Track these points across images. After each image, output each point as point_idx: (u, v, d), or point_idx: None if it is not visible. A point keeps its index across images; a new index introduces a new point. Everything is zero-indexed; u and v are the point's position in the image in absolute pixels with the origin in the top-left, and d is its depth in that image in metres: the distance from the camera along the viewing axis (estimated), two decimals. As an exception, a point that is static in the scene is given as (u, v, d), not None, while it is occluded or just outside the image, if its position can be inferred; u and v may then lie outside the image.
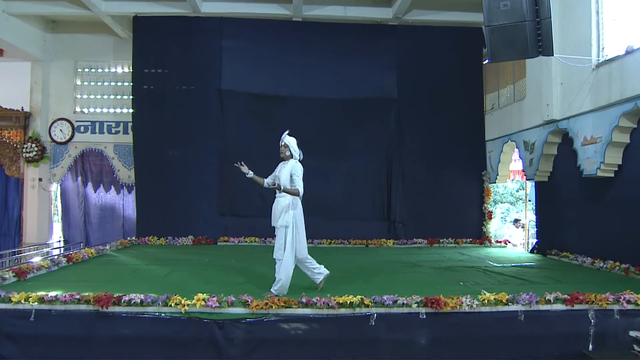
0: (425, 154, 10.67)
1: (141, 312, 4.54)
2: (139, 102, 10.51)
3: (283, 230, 5.30)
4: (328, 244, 10.18)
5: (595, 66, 6.98)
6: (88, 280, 5.90)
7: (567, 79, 7.68)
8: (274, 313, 4.52)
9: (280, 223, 5.33)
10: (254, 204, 10.33)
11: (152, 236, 10.12)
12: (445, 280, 6.38)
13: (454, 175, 10.70)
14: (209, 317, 4.48)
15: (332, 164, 10.47)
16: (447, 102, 10.75)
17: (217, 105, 10.43)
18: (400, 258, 8.46)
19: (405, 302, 4.63)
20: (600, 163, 6.92)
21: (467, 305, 4.65)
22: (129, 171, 11.18)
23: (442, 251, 9.50)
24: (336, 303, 4.57)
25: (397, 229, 10.62)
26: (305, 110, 10.43)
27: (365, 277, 6.59)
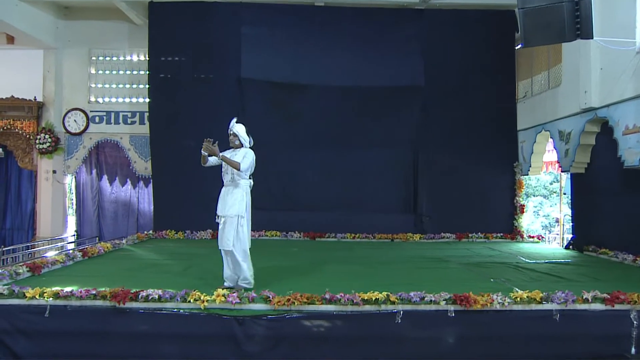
0: (453, 144, 10.54)
1: (159, 308, 4.58)
2: (155, 91, 10.59)
3: (236, 220, 5.23)
4: (352, 239, 10.16)
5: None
6: (104, 275, 5.97)
7: (608, 64, 7.46)
8: (296, 309, 4.52)
9: (234, 212, 5.23)
10: (275, 197, 10.37)
11: (170, 230, 10.22)
12: (475, 276, 6.31)
13: (484, 166, 10.56)
14: (229, 313, 4.50)
15: (356, 155, 10.46)
16: (477, 90, 10.58)
17: (236, 95, 10.43)
18: (427, 253, 8.41)
19: (433, 299, 4.60)
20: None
21: (498, 303, 4.59)
22: (145, 163, 11.24)
23: (471, 246, 9.41)
24: (361, 299, 4.56)
25: (423, 222, 10.54)
26: (327, 99, 10.40)
27: (391, 272, 6.56)
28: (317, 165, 10.49)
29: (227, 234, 5.20)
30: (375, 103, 10.51)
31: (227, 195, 5.33)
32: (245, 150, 5.49)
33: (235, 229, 5.22)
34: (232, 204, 5.25)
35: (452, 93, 10.59)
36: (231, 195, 5.30)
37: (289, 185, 10.52)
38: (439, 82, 10.55)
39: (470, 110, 10.55)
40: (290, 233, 10.29)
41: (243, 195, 5.34)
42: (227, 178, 5.42)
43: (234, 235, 5.21)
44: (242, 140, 5.54)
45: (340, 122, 10.42)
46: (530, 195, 16.43)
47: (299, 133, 10.39)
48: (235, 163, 5.29)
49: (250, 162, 5.42)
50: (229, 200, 5.28)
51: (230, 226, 5.21)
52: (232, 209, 5.23)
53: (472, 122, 10.54)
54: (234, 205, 5.25)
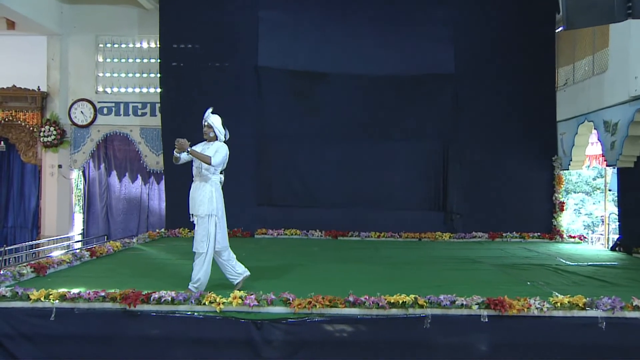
0: (486, 136, 10.44)
1: (172, 310, 4.62)
2: (167, 80, 10.66)
3: (206, 220, 5.23)
4: (376, 238, 10.13)
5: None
6: (114, 276, 6.05)
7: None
8: (318, 313, 4.52)
9: (203, 211, 5.23)
10: (295, 193, 10.42)
11: (183, 228, 10.26)
12: (510, 279, 6.26)
13: (519, 160, 10.44)
14: (246, 316, 4.53)
15: (381, 148, 10.45)
16: (513, 77, 10.44)
17: (253, 84, 10.47)
18: (457, 253, 8.36)
19: (464, 303, 4.57)
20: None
21: (536, 309, 4.54)
22: (157, 157, 11.31)
23: (506, 246, 9.33)
24: (387, 302, 4.55)
25: (454, 220, 10.48)
26: (350, 88, 10.38)
27: (419, 274, 6.56)
28: (339, 159, 10.48)
29: (198, 235, 5.26)
30: (402, 92, 10.45)
31: (196, 192, 5.32)
32: (218, 144, 5.44)
33: (207, 229, 5.24)
34: (200, 202, 5.26)
35: (485, 81, 10.48)
36: (200, 192, 5.29)
37: (309, 180, 10.53)
38: (471, 69, 10.45)
39: (505, 99, 10.44)
40: (311, 231, 10.30)
41: (212, 192, 5.31)
42: (195, 172, 5.40)
43: (206, 235, 5.24)
44: (217, 133, 5.48)
45: (364, 113, 10.39)
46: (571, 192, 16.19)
47: (320, 125, 10.39)
48: (205, 157, 5.25)
49: (222, 157, 5.37)
50: (198, 197, 5.28)
51: (201, 226, 5.25)
52: (202, 207, 5.24)
53: (507, 113, 10.43)
54: (203, 203, 5.25)
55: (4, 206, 11.78)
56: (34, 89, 11.35)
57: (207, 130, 5.46)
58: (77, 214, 11.99)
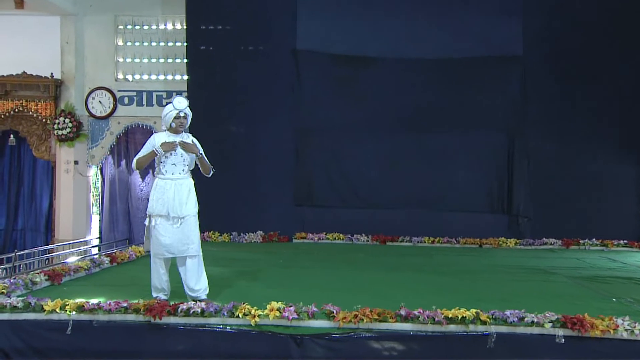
0: (560, 127, 10.25)
1: (202, 324, 4.64)
2: (195, 66, 10.76)
3: (194, 220, 5.34)
4: (431, 243, 10.06)
5: None
6: (137, 285, 6.08)
7: None
8: (365, 328, 4.49)
9: (192, 211, 5.34)
10: (338, 192, 10.43)
11: (213, 232, 10.38)
12: (590, 294, 6.10)
13: (600, 154, 10.23)
14: (284, 331, 4.52)
15: (436, 142, 10.38)
16: (593, 58, 10.19)
17: (291, 70, 10.51)
18: (526, 263, 8.25)
19: (535, 320, 4.46)
20: None
21: (625, 330, 4.39)
22: (183, 152, 11.44)
23: (584, 255, 9.13)
24: (444, 317, 4.49)
25: (520, 224, 10.36)
26: (400, 73, 10.33)
27: (481, 285, 6.48)
28: (388, 154, 10.45)
29: (195, 236, 5.34)
30: (460, 78, 10.36)
31: (186, 189, 5.38)
32: (191, 136, 5.59)
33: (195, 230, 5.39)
34: (193, 201, 5.40)
35: (559, 63, 10.27)
36: (191, 190, 5.42)
37: (354, 178, 10.51)
38: (542, 50, 10.28)
39: (583, 84, 10.21)
40: (356, 236, 10.27)
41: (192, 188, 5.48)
42: (179, 169, 5.41)
43: (197, 236, 5.37)
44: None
45: (416, 102, 10.30)
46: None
47: (366, 115, 10.36)
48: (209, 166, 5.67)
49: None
50: (191, 196, 5.40)
51: (195, 226, 5.37)
52: (191, 207, 5.36)
53: (585, 101, 10.21)
54: (194, 201, 5.42)
55: (14, 207, 11.79)
56: (46, 76, 11.27)
57: (182, 121, 5.44)
58: (94, 215, 11.93)
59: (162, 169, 5.35)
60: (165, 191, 5.25)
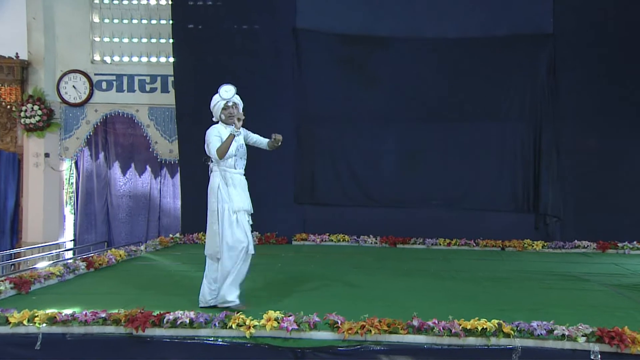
0: (594, 116, 10.26)
1: (191, 335, 4.63)
2: (182, 47, 10.75)
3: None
4: (447, 246, 10.09)
5: None
6: (117, 293, 6.13)
7: None
8: (373, 340, 4.49)
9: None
10: (344, 189, 10.47)
11: (203, 233, 10.31)
12: (630, 304, 6.05)
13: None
14: (283, 343, 4.52)
15: (453, 132, 10.44)
16: (634, 38, 10.14)
17: (291, 51, 10.52)
18: (555, 268, 8.24)
19: (566, 334, 4.45)
20: None
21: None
22: (170, 144, 11.36)
23: (622, 260, 9.08)
24: (462, 329, 4.48)
25: (549, 225, 10.38)
26: (415, 56, 10.37)
27: (503, 293, 6.48)
28: (400, 147, 10.52)
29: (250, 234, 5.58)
30: (481, 60, 10.40)
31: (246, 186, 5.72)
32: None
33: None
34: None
35: (595, 44, 10.25)
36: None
37: (362, 173, 10.53)
38: (575, 29, 10.28)
39: (628, 64, 10.17)
40: (363, 237, 10.30)
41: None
42: (242, 164, 5.76)
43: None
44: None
45: (432, 88, 10.33)
46: None
47: (376, 103, 10.38)
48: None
49: None
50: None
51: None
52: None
53: (625, 86, 10.17)
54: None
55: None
56: (10, 56, 11.12)
57: (233, 112, 5.66)
58: (68, 215, 11.88)
59: (235, 162, 5.63)
60: (244, 185, 5.72)
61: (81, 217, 11.63)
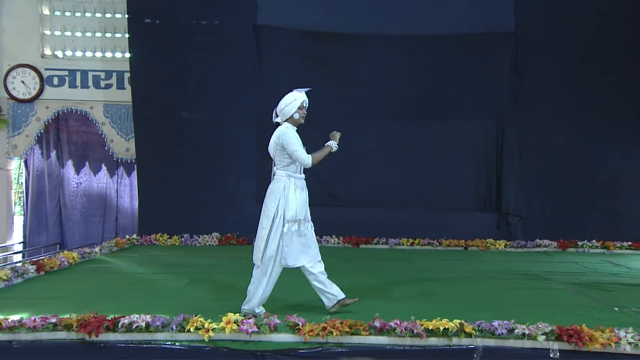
0: (557, 115, 10.40)
1: (147, 340, 4.57)
2: (138, 42, 10.60)
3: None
4: (409, 246, 10.15)
5: None
6: (69, 297, 6.02)
7: None
8: (334, 342, 4.50)
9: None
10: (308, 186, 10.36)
11: (161, 234, 10.38)
12: (589, 302, 6.16)
13: (602, 146, 10.39)
14: (243, 346, 4.50)
15: (418, 130, 10.48)
16: (597, 36, 10.34)
17: (252, 48, 10.46)
18: (517, 267, 8.34)
19: (526, 333, 4.51)
20: None
21: (628, 344, 4.45)
22: (127, 142, 11.21)
23: (583, 259, 9.24)
24: (424, 329, 4.52)
25: (511, 224, 10.51)
26: (380, 53, 10.41)
27: (465, 293, 6.53)
28: (363, 145, 10.51)
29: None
30: (446, 58, 10.48)
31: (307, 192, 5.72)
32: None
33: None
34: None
35: (557, 41, 10.41)
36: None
37: (324, 172, 10.43)
38: (538, 27, 10.43)
39: (584, 65, 10.35)
40: (325, 237, 10.31)
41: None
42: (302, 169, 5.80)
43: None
44: None
45: (396, 86, 10.39)
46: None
47: (339, 101, 10.37)
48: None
49: None
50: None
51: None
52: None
53: (586, 83, 10.34)
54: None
55: None
56: None
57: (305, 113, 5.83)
58: (17, 216, 11.62)
59: (300, 167, 5.78)
60: (306, 192, 5.75)
61: (31, 218, 11.36)
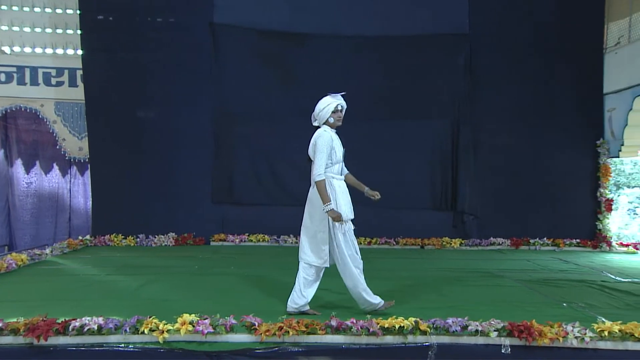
0: (509, 114, 10.57)
1: (99, 343, 4.51)
2: (91, 39, 10.45)
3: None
4: (367, 245, 10.24)
5: None
6: (17, 300, 5.90)
7: None
8: (291, 342, 4.52)
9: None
10: (264, 187, 10.44)
11: (115, 234, 10.26)
12: (540, 299, 6.31)
13: (552, 146, 10.58)
14: (198, 347, 4.48)
15: (372, 130, 10.53)
16: (544, 38, 10.54)
17: (208, 47, 10.41)
18: (471, 265, 8.47)
19: (480, 329, 4.59)
20: None
21: (574, 338, 4.56)
22: (79, 141, 11.10)
23: (534, 256, 9.45)
24: (380, 328, 4.56)
25: (466, 223, 10.64)
26: (336, 53, 10.46)
27: (421, 291, 6.59)
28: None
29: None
30: (402, 59, 10.57)
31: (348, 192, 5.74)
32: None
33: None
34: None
35: (509, 43, 10.58)
36: None
37: (282, 171, 10.52)
38: (490, 29, 10.56)
39: (533, 68, 10.54)
40: (284, 237, 10.38)
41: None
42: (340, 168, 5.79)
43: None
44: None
45: (352, 86, 10.24)
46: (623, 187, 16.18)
47: (296, 100, 10.31)
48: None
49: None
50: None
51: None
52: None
53: (536, 85, 10.53)
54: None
55: None
56: None
57: (341, 115, 5.90)
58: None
59: (340, 169, 5.83)
60: (347, 191, 5.76)
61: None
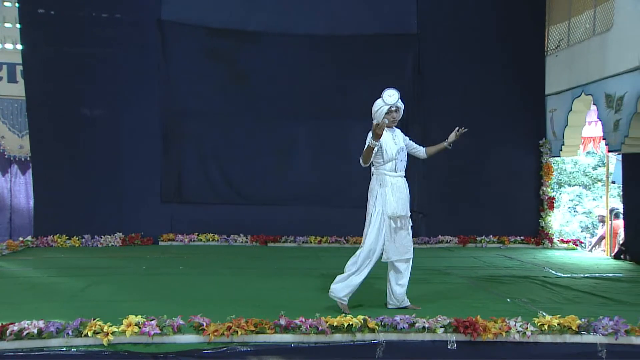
0: (456, 114, 10.43)
1: (39, 347, 4.41)
2: (31, 34, 10.17)
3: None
4: (317, 244, 10.29)
5: None
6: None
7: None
8: (239, 341, 4.51)
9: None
10: (213, 186, 10.40)
11: (59, 235, 10.03)
12: (485, 295, 6.46)
13: (498, 145, 10.77)
14: (144, 349, 4.44)
15: (324, 130, 10.58)
16: (490, 40, 10.73)
17: (156, 43, 10.29)
18: (419, 263, 8.16)
19: (426, 326, 4.66)
20: None
21: (517, 332, 4.65)
22: (20, 139, 10.99)
23: (480, 254, 9.63)
24: (328, 326, 4.59)
25: (415, 221, 10.62)
26: (286, 51, 10.47)
27: (370, 289, 6.58)
28: (270, 143, 10.55)
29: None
30: (351, 58, 10.59)
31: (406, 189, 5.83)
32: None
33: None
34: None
35: (455, 45, 10.73)
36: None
37: (231, 170, 10.51)
38: (437, 29, 10.69)
39: (479, 67, 10.71)
40: (233, 236, 10.36)
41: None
42: (403, 167, 5.97)
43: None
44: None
45: (303, 85, 10.46)
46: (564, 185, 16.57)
47: (246, 98, 10.37)
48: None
49: None
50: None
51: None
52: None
53: (481, 85, 10.72)
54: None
55: None
56: None
57: (396, 116, 5.93)
58: None
59: (395, 166, 5.84)
60: (403, 189, 5.82)
61: None
